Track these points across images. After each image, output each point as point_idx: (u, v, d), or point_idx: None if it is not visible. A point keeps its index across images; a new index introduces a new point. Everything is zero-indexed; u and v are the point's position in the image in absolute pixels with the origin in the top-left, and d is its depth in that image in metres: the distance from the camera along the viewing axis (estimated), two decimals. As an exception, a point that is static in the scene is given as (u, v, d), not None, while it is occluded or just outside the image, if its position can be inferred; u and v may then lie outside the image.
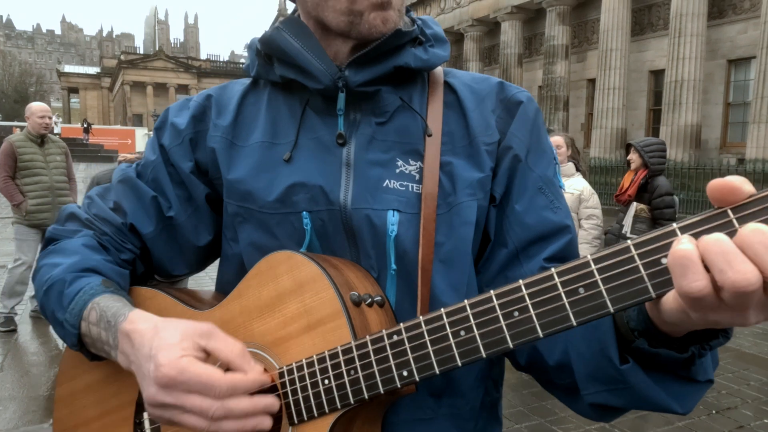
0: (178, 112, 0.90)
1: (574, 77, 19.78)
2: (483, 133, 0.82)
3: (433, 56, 0.83)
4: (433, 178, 0.79)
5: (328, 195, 0.79)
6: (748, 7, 14.89)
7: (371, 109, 0.82)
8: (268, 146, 0.83)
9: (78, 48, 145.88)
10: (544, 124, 0.88)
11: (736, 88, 15.66)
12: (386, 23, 0.76)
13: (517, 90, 0.87)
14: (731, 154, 15.24)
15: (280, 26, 0.82)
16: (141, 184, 0.88)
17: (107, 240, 0.86)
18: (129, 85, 61.95)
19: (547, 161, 0.85)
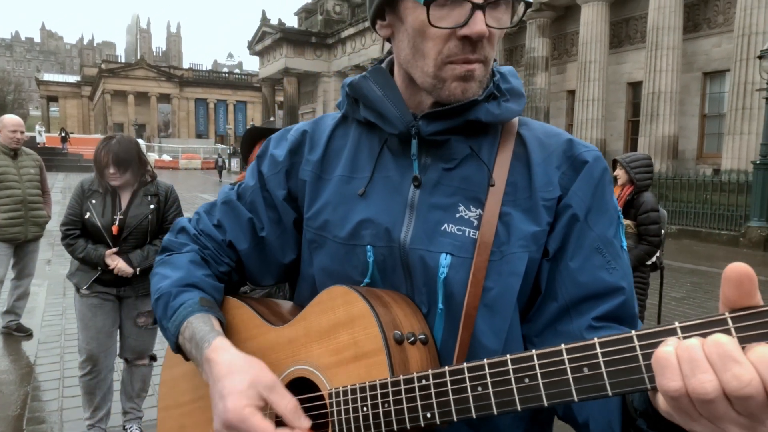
0: (277, 144, 1.01)
1: (555, 88, 20.03)
2: (543, 189, 0.85)
3: (505, 111, 0.87)
4: (490, 226, 0.83)
5: (391, 233, 0.86)
6: (721, 22, 15.24)
7: (441, 156, 0.88)
8: (346, 180, 0.92)
9: (58, 56, 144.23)
10: (611, 183, 0.88)
11: (712, 100, 15.98)
12: (465, 93, 0.82)
13: (585, 149, 0.88)
14: (707, 165, 15.52)
15: (368, 75, 0.91)
16: (240, 206, 1.00)
17: (209, 254, 0.99)
18: (110, 94, 61.34)
19: (609, 221, 0.85)
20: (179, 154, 49.73)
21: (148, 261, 3.06)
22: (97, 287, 3.08)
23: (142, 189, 3.11)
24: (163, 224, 3.15)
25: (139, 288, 3.13)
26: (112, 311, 3.14)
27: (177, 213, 3.20)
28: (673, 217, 13.34)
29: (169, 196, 3.17)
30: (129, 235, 3.06)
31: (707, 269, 9.26)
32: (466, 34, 0.77)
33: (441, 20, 0.78)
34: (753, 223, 11.53)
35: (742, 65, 13.43)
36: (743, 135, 13.50)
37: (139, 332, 3.21)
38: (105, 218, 3.03)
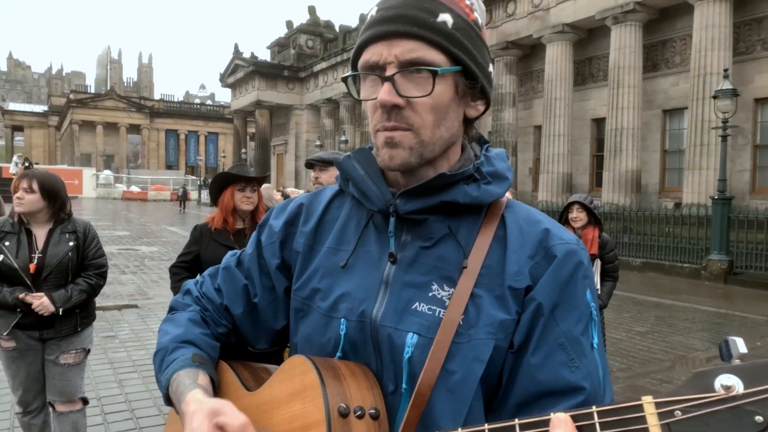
0: (277, 215, 1.05)
1: (522, 124, 20.52)
2: (513, 278, 0.84)
3: (484, 193, 0.88)
4: (458, 307, 0.82)
5: (365, 308, 0.87)
6: (678, 62, 15.93)
7: (419, 234, 0.89)
8: (333, 252, 0.94)
9: (25, 85, 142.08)
10: (586, 279, 0.85)
11: (672, 136, 16.58)
12: (392, 159, 0.85)
13: (559, 242, 0.86)
14: (670, 199, 15.99)
15: (352, 154, 0.95)
16: (237, 273, 1.04)
17: (209, 315, 1.03)
18: (78, 124, 60.45)
19: (578, 317, 0.83)
20: (148, 185, 49.05)
21: (72, 301, 2.92)
22: (18, 333, 2.93)
23: (58, 227, 2.99)
24: (84, 261, 3.03)
25: (62, 328, 2.99)
26: (36, 358, 3.01)
27: (97, 249, 3.09)
28: (637, 250, 13.64)
29: (87, 233, 3.06)
30: (49, 275, 2.92)
31: (671, 302, 9.45)
32: (377, 104, 0.83)
33: (370, 93, 0.86)
34: (713, 257, 11.86)
35: (699, 104, 14.00)
36: (702, 170, 13.99)
37: (63, 371, 3.03)
38: (21, 258, 2.88)
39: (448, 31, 0.83)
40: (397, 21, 0.82)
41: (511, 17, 19.69)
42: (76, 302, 2.96)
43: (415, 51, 0.81)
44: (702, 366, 6.02)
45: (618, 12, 15.97)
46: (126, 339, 6.12)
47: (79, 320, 3.05)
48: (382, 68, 0.83)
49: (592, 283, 0.87)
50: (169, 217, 28.15)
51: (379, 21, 0.84)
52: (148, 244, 15.74)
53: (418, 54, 0.81)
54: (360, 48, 0.86)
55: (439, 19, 0.82)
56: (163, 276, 10.22)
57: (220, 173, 3.31)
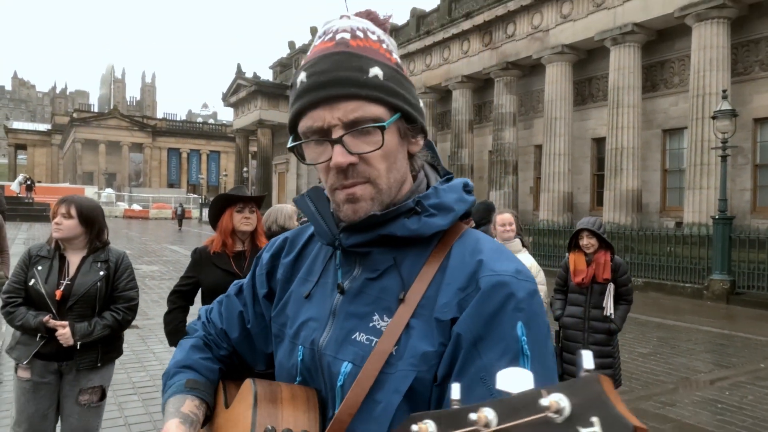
0: (268, 248, 1.13)
1: (522, 143, 20.61)
2: (440, 309, 0.84)
3: (424, 226, 0.89)
4: (391, 338, 0.84)
5: (315, 337, 0.93)
6: (677, 83, 16.05)
7: (367, 266, 0.93)
8: (302, 282, 1.01)
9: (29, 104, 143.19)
10: (519, 311, 0.81)
11: (672, 155, 16.63)
12: (356, 213, 0.89)
13: (488, 273, 0.84)
14: (670, 218, 16.00)
15: (305, 193, 1.01)
16: (235, 300, 1.13)
17: (212, 339, 1.12)
18: (81, 143, 60.80)
19: (502, 351, 0.79)
20: (150, 203, 49.15)
21: (92, 336, 2.82)
22: (36, 362, 2.85)
23: (91, 255, 2.94)
24: (114, 293, 2.95)
25: (81, 361, 2.88)
26: (49, 393, 2.91)
27: (129, 281, 3.01)
28: (638, 270, 13.61)
29: (120, 264, 2.99)
30: (75, 304, 2.85)
31: (673, 323, 9.41)
32: (331, 167, 0.87)
33: (318, 157, 0.89)
34: (715, 276, 11.83)
35: (698, 123, 14.08)
36: (703, 189, 14.01)
37: (81, 411, 2.92)
38: (49, 284, 2.83)
39: (381, 83, 0.86)
40: (333, 85, 0.84)
41: (510, 38, 19.90)
42: (97, 337, 2.85)
43: (356, 110, 0.85)
44: (706, 388, 6.00)
45: (616, 33, 16.14)
46: (126, 360, 6.08)
47: (100, 355, 2.92)
48: (327, 132, 0.86)
49: (530, 316, 0.82)
50: (170, 236, 28.16)
51: (314, 87, 0.86)
52: (149, 263, 15.73)
53: (360, 113, 0.85)
54: (299, 114, 0.89)
55: (370, 74, 0.86)
56: (163, 296, 10.19)
57: (218, 196, 3.33)
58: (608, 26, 16.41)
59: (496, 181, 20.32)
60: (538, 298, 0.85)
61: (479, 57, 21.33)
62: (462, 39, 22.16)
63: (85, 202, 2.94)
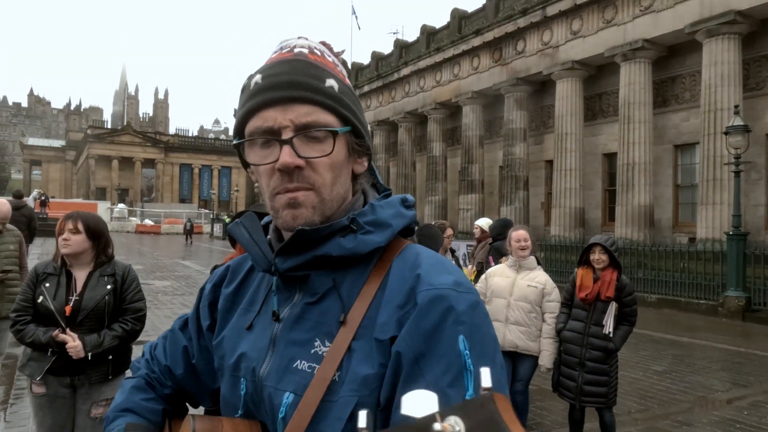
0: (211, 279, 1.09)
1: (533, 158, 20.60)
2: (379, 329, 0.81)
3: (360, 243, 0.86)
4: (331, 364, 0.81)
5: (256, 368, 0.89)
6: (688, 98, 16.02)
7: (306, 290, 0.89)
8: (244, 312, 0.97)
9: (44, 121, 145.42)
10: (459, 324, 0.78)
11: (684, 171, 16.54)
12: (296, 219, 0.86)
13: (425, 287, 0.81)
14: (683, 234, 15.87)
15: (239, 220, 0.98)
16: (180, 335, 1.08)
17: (155, 377, 1.06)
18: (94, 159, 61.57)
19: (444, 368, 0.76)
20: (161, 218, 49.50)
21: (102, 347, 2.87)
22: (49, 378, 2.89)
23: (98, 270, 2.98)
24: (122, 305, 3.00)
25: (93, 375, 2.93)
26: (65, 406, 2.95)
27: (136, 293, 3.05)
28: (652, 286, 13.48)
29: (126, 276, 3.04)
30: (84, 318, 2.89)
31: (689, 340, 9.29)
32: (278, 167, 0.85)
33: (263, 158, 0.87)
34: (730, 293, 11.69)
35: (710, 139, 14.02)
36: (716, 205, 13.90)
37: (94, 425, 2.95)
38: (58, 301, 2.87)
39: (336, 95, 0.87)
40: (289, 87, 0.85)
41: (521, 54, 19.99)
42: (107, 348, 2.90)
43: (310, 114, 0.85)
44: (723, 408, 5.90)
45: (627, 50, 16.18)
46: (140, 376, 6.11)
47: (111, 367, 2.97)
48: (277, 132, 0.85)
49: (472, 329, 0.78)
50: (181, 251, 28.31)
51: (269, 87, 0.85)
52: (162, 278, 15.81)
53: (313, 117, 0.85)
54: (249, 114, 0.87)
55: (327, 84, 0.87)
56: (176, 312, 10.24)
57: (240, 212, 3.37)
58: (618, 42, 16.45)
59: (507, 197, 20.29)
60: (481, 310, 0.82)
61: (489, 73, 21.43)
62: (472, 55, 22.29)
63: (90, 217, 3.00)
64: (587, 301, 4.23)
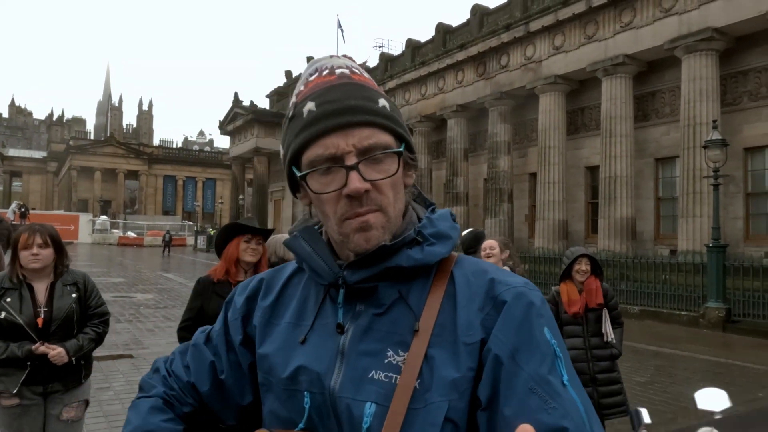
0: (241, 291, 1.07)
1: (517, 171, 20.79)
2: (464, 333, 0.85)
3: (428, 254, 0.90)
4: (412, 372, 0.83)
5: (323, 380, 0.88)
6: (668, 112, 16.32)
7: (371, 302, 0.91)
8: (293, 327, 0.96)
9: (25, 132, 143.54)
10: (541, 317, 0.85)
11: (665, 184, 16.80)
12: (369, 241, 0.88)
13: (505, 288, 0.87)
14: (665, 246, 16.07)
15: (297, 233, 0.98)
16: (205, 350, 1.05)
17: (174, 395, 1.02)
18: (76, 170, 60.88)
19: (541, 358, 0.82)
20: (144, 230, 48.99)
21: (83, 350, 3.00)
22: (22, 389, 2.89)
23: (59, 280, 3.02)
24: (87, 312, 3.08)
25: (69, 381, 3.00)
26: (39, 414, 2.97)
27: (98, 299, 3.15)
28: (634, 298, 13.61)
29: (87, 284, 3.13)
30: (57, 328, 2.93)
31: (671, 351, 9.38)
32: (347, 193, 0.86)
33: (326, 186, 0.88)
34: (711, 304, 11.84)
35: (690, 153, 14.28)
36: (696, 218, 14.13)
37: (66, 427, 3.01)
38: (25, 314, 2.87)
39: (389, 113, 0.90)
40: (348, 112, 0.86)
41: (504, 69, 20.25)
42: (86, 351, 3.02)
43: (371, 137, 0.87)
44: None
45: (608, 65, 16.47)
46: (121, 390, 6.03)
47: (83, 371, 3.08)
48: (340, 159, 0.86)
49: (549, 321, 0.86)
50: (164, 264, 28.02)
51: (327, 114, 0.86)
52: (144, 291, 15.62)
53: (374, 140, 0.87)
54: (308, 142, 0.88)
55: (380, 105, 0.89)
56: (158, 325, 10.12)
57: (228, 224, 3.37)
58: (600, 57, 16.75)
59: (492, 209, 20.42)
60: (546, 304, 0.89)
61: (474, 87, 21.66)
62: (456, 69, 22.52)
63: (52, 229, 3.05)
64: (579, 315, 4.23)
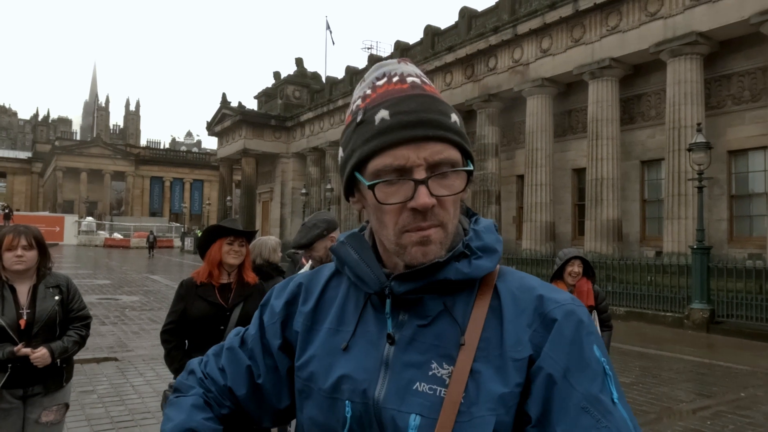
0: (278, 295, 1.07)
1: (505, 173, 20.89)
2: (513, 348, 0.85)
3: (475, 269, 0.90)
4: (458, 386, 0.83)
5: (366, 390, 0.88)
6: (654, 115, 16.49)
7: (416, 312, 0.90)
8: (333, 332, 0.96)
9: (10, 132, 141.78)
10: (590, 335, 0.86)
11: (651, 186, 16.96)
12: (426, 255, 0.87)
13: (554, 305, 0.87)
14: (650, 247, 16.22)
15: (345, 240, 0.98)
16: (240, 353, 1.05)
17: (212, 397, 1.03)
18: (62, 171, 60.22)
19: (592, 376, 0.82)
20: (131, 232, 48.58)
21: (68, 352, 2.98)
22: (2, 392, 2.86)
23: (41, 282, 3.00)
24: (69, 315, 3.06)
25: (50, 385, 2.97)
26: (18, 418, 2.94)
27: (80, 302, 3.14)
28: (620, 299, 13.73)
29: (70, 287, 3.11)
30: (39, 330, 2.92)
31: (655, 352, 9.47)
32: (413, 207, 0.85)
33: (391, 196, 0.86)
34: (695, 305, 11.97)
35: (675, 155, 14.43)
36: (681, 219, 14.28)
37: (44, 431, 2.98)
38: (8, 315, 2.86)
39: (460, 130, 0.90)
40: (423, 125, 0.85)
41: (492, 71, 20.34)
42: (70, 353, 3.00)
43: (442, 152, 0.86)
44: (688, 418, 6.02)
45: (594, 68, 16.60)
46: (104, 394, 5.97)
47: (65, 374, 3.04)
48: (409, 171, 0.85)
49: (598, 338, 0.87)
50: (151, 265, 27.79)
51: (401, 126, 0.85)
52: (130, 293, 15.48)
53: (445, 155, 0.86)
54: (378, 151, 0.86)
55: (452, 120, 0.89)
56: (144, 327, 10.04)
57: (210, 226, 3.34)
58: (586, 61, 16.88)
59: (480, 211, 20.49)
60: (591, 319, 0.90)
61: (462, 89, 21.74)
62: (445, 71, 22.59)
63: (36, 230, 3.03)
64: None
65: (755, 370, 8.10)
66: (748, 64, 14.29)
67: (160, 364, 6.37)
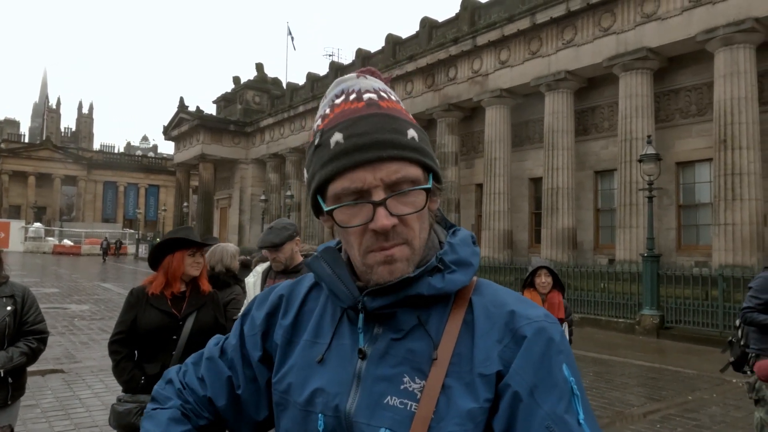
0: (259, 306, 1.06)
1: (464, 181, 21.16)
2: (481, 364, 0.84)
3: (449, 283, 0.89)
4: (430, 401, 0.82)
5: (338, 404, 0.88)
6: (607, 127, 17.02)
7: (390, 326, 0.90)
8: (311, 344, 0.96)
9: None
10: (560, 354, 0.85)
11: (604, 195, 17.48)
12: (393, 273, 0.87)
13: (525, 322, 0.86)
14: (603, 255, 16.68)
15: (319, 255, 0.96)
16: (221, 363, 1.04)
17: (190, 408, 1.02)
18: (8, 175, 57.71)
19: (559, 395, 0.82)
20: (82, 239, 46.94)
21: (13, 362, 2.82)
22: None
23: None
24: (23, 327, 2.92)
25: None
26: None
27: (37, 315, 3.00)
28: (575, 305, 14.04)
29: (26, 299, 2.98)
30: None
31: (608, 357, 9.71)
32: (373, 229, 0.85)
33: (352, 219, 0.86)
34: (646, 311, 12.36)
35: (627, 166, 14.92)
36: (632, 228, 14.75)
37: None
38: None
39: (418, 145, 0.88)
40: (376, 147, 0.84)
41: (452, 81, 20.62)
42: (16, 365, 2.82)
43: (398, 171, 0.85)
44: (639, 422, 6.19)
45: (551, 80, 17.03)
46: (48, 408, 5.71)
47: (10, 392, 2.87)
48: (367, 193, 0.85)
49: (568, 357, 0.86)
50: (102, 273, 26.89)
51: (355, 149, 0.85)
52: (79, 302, 14.92)
53: (402, 173, 0.85)
54: (335, 175, 0.86)
55: (409, 137, 0.87)
56: (93, 337, 9.68)
57: (169, 238, 3.20)
58: (543, 73, 17.30)
59: (439, 219, 20.65)
60: (565, 337, 0.88)
61: (423, 98, 21.94)
62: (406, 80, 22.77)
63: None
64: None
65: (702, 374, 8.40)
66: (695, 79, 14.92)
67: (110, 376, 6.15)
